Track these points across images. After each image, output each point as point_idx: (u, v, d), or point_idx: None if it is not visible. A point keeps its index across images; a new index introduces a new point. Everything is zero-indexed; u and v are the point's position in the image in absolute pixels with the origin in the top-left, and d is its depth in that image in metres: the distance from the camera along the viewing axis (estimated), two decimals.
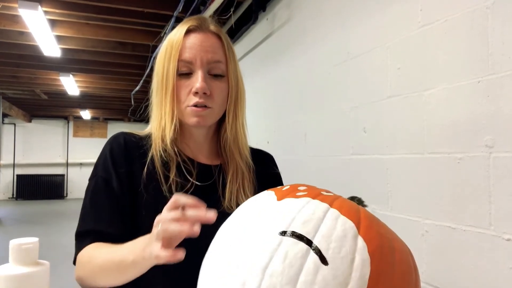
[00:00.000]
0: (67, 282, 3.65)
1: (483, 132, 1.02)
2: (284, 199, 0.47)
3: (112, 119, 11.20)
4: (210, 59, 0.80)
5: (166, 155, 0.81)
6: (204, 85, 0.78)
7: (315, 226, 0.41)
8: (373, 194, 1.45)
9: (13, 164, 10.19)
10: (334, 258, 0.38)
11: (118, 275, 0.67)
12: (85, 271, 0.73)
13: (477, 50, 1.04)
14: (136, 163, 0.81)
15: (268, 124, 2.46)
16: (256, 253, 0.40)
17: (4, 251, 0.94)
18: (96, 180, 0.81)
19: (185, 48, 0.79)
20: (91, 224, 0.77)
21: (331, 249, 0.38)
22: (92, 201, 0.79)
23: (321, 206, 0.44)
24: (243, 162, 0.88)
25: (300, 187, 0.52)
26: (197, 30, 0.82)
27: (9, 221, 6.92)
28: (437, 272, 1.16)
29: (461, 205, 1.08)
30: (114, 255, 0.68)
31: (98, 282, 0.71)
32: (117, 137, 0.84)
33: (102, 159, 0.82)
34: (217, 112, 0.83)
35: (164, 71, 0.80)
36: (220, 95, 0.82)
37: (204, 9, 2.68)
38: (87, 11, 3.17)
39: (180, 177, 0.81)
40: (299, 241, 0.39)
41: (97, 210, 0.78)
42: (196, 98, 0.79)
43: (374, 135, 1.47)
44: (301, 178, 2.00)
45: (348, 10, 1.65)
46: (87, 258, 0.73)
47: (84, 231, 0.77)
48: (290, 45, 2.23)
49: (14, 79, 5.87)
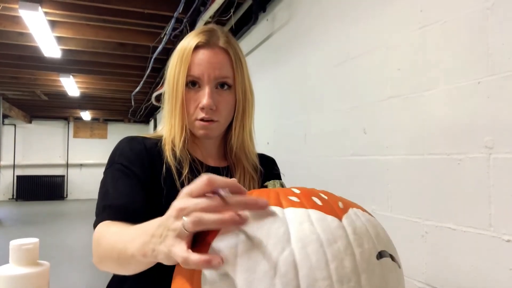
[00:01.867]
0: (67, 282, 3.66)
1: (483, 133, 1.02)
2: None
3: (112, 120, 11.21)
4: (217, 76, 0.83)
5: (179, 155, 0.84)
6: (210, 102, 0.81)
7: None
8: (373, 195, 1.45)
9: (13, 165, 10.19)
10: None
11: (119, 267, 0.61)
12: (95, 254, 0.68)
13: (477, 51, 1.04)
14: (155, 161, 0.83)
15: (268, 124, 2.47)
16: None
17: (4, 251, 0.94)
18: (115, 167, 0.79)
19: (194, 64, 0.82)
20: (108, 200, 0.74)
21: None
22: (112, 183, 0.77)
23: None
24: (249, 164, 0.92)
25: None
26: (205, 46, 0.84)
27: (9, 222, 6.92)
28: (437, 272, 1.16)
29: (461, 206, 1.08)
30: (119, 240, 0.59)
31: (104, 268, 0.66)
32: (135, 138, 0.86)
33: (119, 151, 0.82)
34: (223, 123, 0.87)
35: (174, 82, 0.84)
36: (226, 108, 0.86)
37: (204, 10, 2.68)
38: (88, 12, 3.17)
39: (192, 175, 0.84)
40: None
41: (116, 188, 0.76)
42: (202, 114, 0.82)
43: (374, 136, 1.47)
44: (301, 178, 2.00)
45: (348, 10, 1.66)
46: (97, 239, 0.67)
47: (102, 206, 0.73)
48: (290, 45, 2.24)
49: (14, 80, 5.87)
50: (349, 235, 0.47)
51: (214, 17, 2.82)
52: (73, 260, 4.26)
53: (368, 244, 0.48)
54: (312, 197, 0.52)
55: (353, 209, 0.53)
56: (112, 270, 0.65)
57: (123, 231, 0.62)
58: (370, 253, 0.47)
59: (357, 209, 0.54)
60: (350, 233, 0.48)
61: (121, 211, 0.71)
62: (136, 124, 11.28)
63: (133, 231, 0.57)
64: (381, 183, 1.41)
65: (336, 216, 0.49)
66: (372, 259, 0.47)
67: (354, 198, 0.65)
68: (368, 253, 0.47)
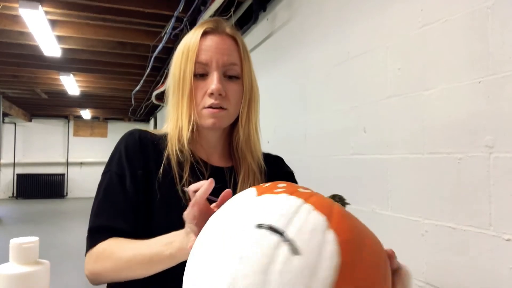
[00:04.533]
0: (68, 281, 3.66)
1: (483, 132, 1.02)
2: (263, 195, 0.49)
3: (112, 119, 11.21)
4: (225, 62, 0.82)
5: (181, 155, 0.82)
6: (219, 87, 0.79)
7: (289, 220, 0.44)
8: (373, 194, 1.45)
9: (13, 163, 10.20)
10: (305, 249, 0.41)
11: (148, 268, 0.68)
12: (106, 265, 0.73)
13: (478, 50, 1.04)
14: (150, 161, 0.82)
15: (268, 124, 2.46)
16: (233, 244, 0.43)
17: (4, 250, 0.94)
18: (110, 176, 0.80)
19: (202, 50, 0.81)
20: (105, 219, 0.77)
21: (302, 240, 0.42)
22: (106, 197, 0.79)
23: (296, 201, 0.47)
24: (255, 163, 0.89)
25: (280, 184, 0.54)
26: (213, 32, 0.83)
27: (9, 220, 6.93)
28: (437, 272, 1.16)
29: (461, 205, 1.08)
30: (144, 248, 0.68)
31: (121, 275, 0.72)
32: (132, 133, 0.84)
33: (116, 154, 0.82)
34: (232, 113, 0.84)
35: (181, 73, 0.82)
36: (234, 97, 0.83)
37: (204, 9, 2.68)
38: (88, 11, 3.17)
39: (193, 178, 0.82)
40: (273, 233, 0.42)
41: (111, 206, 0.78)
42: (211, 100, 0.80)
43: (374, 135, 1.47)
44: (301, 178, 2.00)
45: (348, 10, 1.65)
46: (108, 252, 0.73)
47: (98, 227, 0.77)
48: (290, 45, 2.24)
49: (15, 78, 5.88)
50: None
51: (214, 16, 2.81)
52: (73, 259, 4.26)
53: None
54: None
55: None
56: (130, 274, 0.71)
57: (139, 242, 0.70)
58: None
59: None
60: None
61: (114, 232, 0.76)
62: (136, 122, 11.27)
63: (160, 238, 0.67)
64: (381, 182, 1.41)
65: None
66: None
67: (354, 198, 0.65)
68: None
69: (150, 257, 0.67)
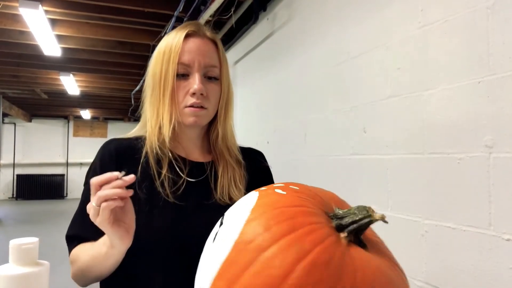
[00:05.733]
0: (67, 282, 3.65)
1: (483, 132, 1.02)
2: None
3: (112, 119, 11.20)
4: (207, 63, 0.86)
5: (160, 152, 0.85)
6: (201, 87, 0.83)
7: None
8: (373, 194, 1.45)
9: (13, 163, 10.19)
10: (228, 220, 0.50)
11: (100, 264, 0.75)
12: (75, 269, 0.81)
13: (477, 50, 1.04)
14: (128, 165, 0.83)
15: (268, 124, 2.46)
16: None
17: (4, 251, 0.95)
18: (86, 188, 0.84)
19: (184, 52, 0.84)
20: (78, 230, 0.84)
21: (230, 214, 0.52)
22: (81, 208, 0.83)
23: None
24: (232, 158, 0.93)
25: (279, 184, 0.56)
26: (195, 35, 0.87)
27: (9, 221, 6.93)
28: (437, 272, 1.16)
29: (461, 205, 1.08)
30: (91, 249, 0.76)
31: (87, 276, 0.80)
32: (108, 143, 0.88)
33: (92, 167, 0.86)
34: (211, 112, 0.89)
35: (163, 73, 0.84)
36: (214, 97, 0.88)
37: (204, 8, 2.68)
38: (88, 10, 3.17)
39: (171, 173, 0.85)
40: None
41: (84, 218, 0.79)
42: (193, 99, 0.83)
43: (374, 135, 1.47)
44: (301, 178, 2.00)
45: (348, 10, 1.65)
46: (75, 256, 0.81)
47: (72, 236, 0.84)
48: (290, 45, 2.23)
49: (14, 78, 5.87)
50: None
51: (215, 16, 2.81)
52: None
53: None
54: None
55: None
56: (91, 275, 0.78)
57: (93, 244, 0.77)
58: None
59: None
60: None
61: (86, 240, 0.81)
62: (136, 122, 11.06)
63: (103, 237, 0.74)
64: (381, 182, 1.41)
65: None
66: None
67: (354, 198, 0.65)
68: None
69: (95, 256, 0.75)
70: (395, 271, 0.46)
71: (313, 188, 0.56)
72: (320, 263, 0.41)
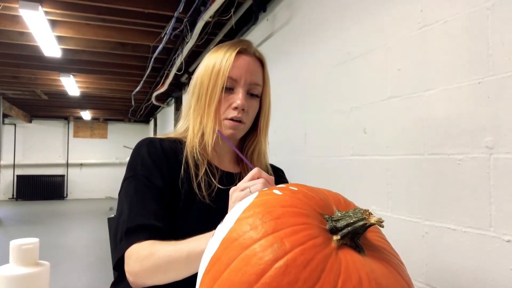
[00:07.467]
0: (67, 282, 3.66)
1: (483, 133, 1.02)
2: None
3: (112, 120, 11.21)
4: (252, 81, 0.92)
5: (200, 157, 0.91)
6: (244, 103, 0.89)
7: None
8: (373, 195, 1.45)
9: (13, 164, 10.20)
10: (225, 218, 0.52)
11: (187, 267, 0.71)
12: (145, 265, 0.75)
13: (477, 51, 1.04)
14: (173, 164, 0.89)
15: None
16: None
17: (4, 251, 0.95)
18: (137, 178, 0.86)
19: (234, 67, 0.90)
20: (140, 219, 0.81)
21: (229, 212, 0.54)
22: (137, 197, 0.84)
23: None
24: (263, 170, 0.97)
25: (281, 186, 0.56)
26: (245, 52, 0.93)
27: (9, 222, 6.93)
28: (437, 273, 1.16)
29: (461, 206, 1.08)
30: (182, 247, 0.71)
31: (159, 276, 0.74)
32: (152, 141, 0.91)
33: (139, 159, 0.88)
34: (247, 126, 0.95)
35: (210, 84, 0.90)
36: (253, 113, 0.94)
37: (204, 9, 2.68)
38: (88, 11, 3.17)
39: (207, 177, 0.91)
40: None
41: (144, 206, 0.83)
42: (235, 113, 0.90)
43: (374, 136, 1.47)
44: (301, 178, 2.00)
45: (348, 10, 1.66)
46: (147, 252, 0.75)
47: (134, 227, 0.80)
48: (290, 45, 2.24)
49: (15, 79, 5.88)
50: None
51: (215, 16, 2.82)
52: (73, 260, 4.26)
53: None
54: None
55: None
56: (168, 275, 0.73)
57: (176, 242, 0.73)
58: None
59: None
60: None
61: (150, 230, 0.80)
62: (136, 123, 11.27)
63: (197, 238, 0.72)
64: (381, 183, 1.41)
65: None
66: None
67: (354, 198, 0.65)
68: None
69: (188, 254, 0.70)
70: (391, 279, 0.45)
71: (316, 189, 0.55)
72: (297, 264, 0.40)
